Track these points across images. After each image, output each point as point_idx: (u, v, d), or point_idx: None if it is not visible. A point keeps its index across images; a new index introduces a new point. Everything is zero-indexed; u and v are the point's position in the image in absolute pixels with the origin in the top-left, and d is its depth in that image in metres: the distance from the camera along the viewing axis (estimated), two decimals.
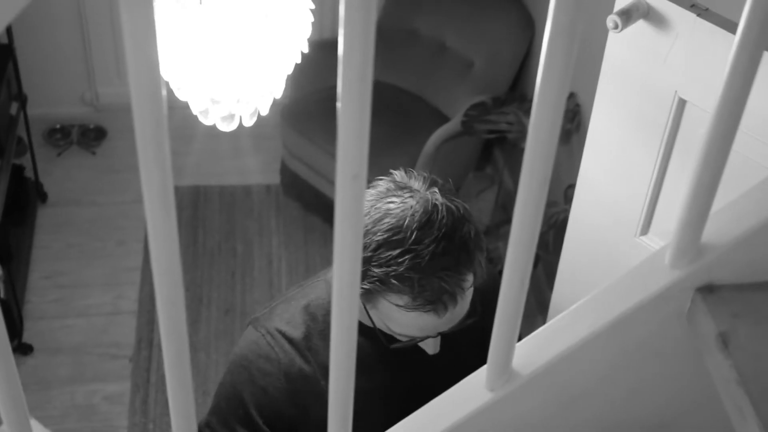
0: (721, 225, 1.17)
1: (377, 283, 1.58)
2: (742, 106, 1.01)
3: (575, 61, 0.84)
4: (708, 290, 1.17)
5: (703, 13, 1.70)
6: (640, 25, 1.78)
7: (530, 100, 3.44)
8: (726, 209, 1.20)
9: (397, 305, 1.60)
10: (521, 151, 0.94)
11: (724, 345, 1.12)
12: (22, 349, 3.75)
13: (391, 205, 1.58)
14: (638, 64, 1.84)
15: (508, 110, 3.67)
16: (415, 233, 1.55)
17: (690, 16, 1.71)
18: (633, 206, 2.00)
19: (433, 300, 1.57)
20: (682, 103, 1.81)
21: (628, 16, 1.75)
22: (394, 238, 1.56)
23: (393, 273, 1.56)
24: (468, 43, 4.21)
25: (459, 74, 4.17)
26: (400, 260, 1.55)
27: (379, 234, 1.56)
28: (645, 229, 2.02)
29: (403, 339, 1.68)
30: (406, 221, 1.56)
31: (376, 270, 1.57)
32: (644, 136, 1.91)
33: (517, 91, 4.19)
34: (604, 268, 2.12)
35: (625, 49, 1.84)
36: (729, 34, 1.65)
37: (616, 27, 1.75)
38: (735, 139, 1.03)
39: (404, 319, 1.62)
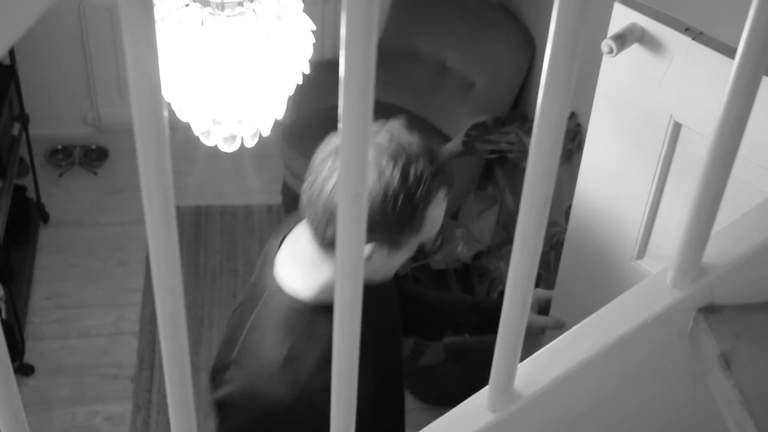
0: (723, 245, 1.17)
1: (426, 195, 1.68)
2: (743, 126, 1.01)
3: (576, 81, 0.84)
4: (710, 310, 1.17)
5: (698, 36, 1.70)
6: (634, 49, 1.77)
7: (531, 120, 3.45)
8: (727, 230, 1.20)
9: (442, 194, 1.72)
10: (522, 170, 0.94)
11: (727, 365, 1.12)
12: (23, 369, 3.75)
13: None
14: (633, 87, 1.83)
15: (509, 130, 3.67)
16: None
17: (685, 40, 1.70)
18: (629, 230, 1.99)
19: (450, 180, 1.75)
20: (677, 127, 1.80)
21: (623, 40, 1.74)
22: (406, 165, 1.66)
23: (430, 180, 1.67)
24: (469, 62, 4.23)
25: (460, 94, 4.18)
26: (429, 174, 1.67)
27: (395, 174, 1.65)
28: (641, 253, 2.00)
29: (432, 243, 1.85)
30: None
31: (419, 193, 1.66)
32: (640, 159, 1.90)
33: (518, 111, 4.20)
34: (600, 293, 2.10)
35: (619, 73, 1.84)
36: (725, 58, 1.64)
37: (611, 51, 1.74)
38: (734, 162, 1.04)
39: (444, 205, 1.75)
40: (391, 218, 1.65)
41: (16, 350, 3.71)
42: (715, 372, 1.14)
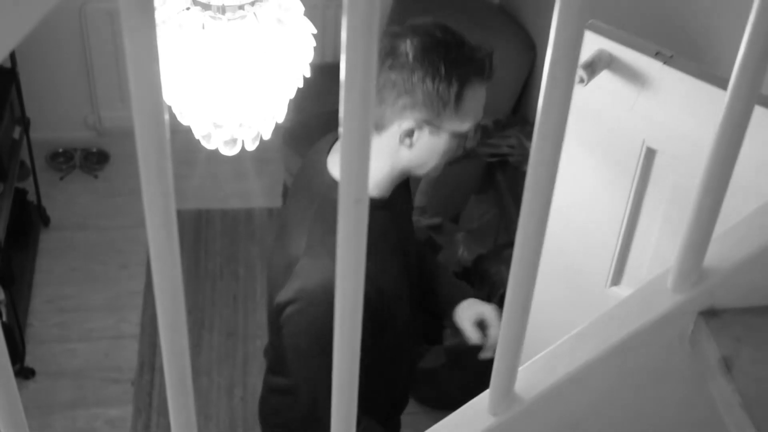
0: (723, 249, 1.17)
1: (462, 78, 1.88)
2: (745, 126, 1.01)
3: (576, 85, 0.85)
4: (710, 314, 1.17)
5: (669, 60, 1.66)
6: (604, 75, 1.73)
7: (532, 123, 3.45)
8: (728, 233, 1.20)
9: (478, 82, 1.94)
10: (523, 174, 0.94)
11: (727, 369, 1.12)
12: (24, 373, 3.75)
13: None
14: (604, 113, 1.79)
15: (510, 133, 3.67)
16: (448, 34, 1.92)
17: (656, 65, 1.66)
18: (603, 256, 1.93)
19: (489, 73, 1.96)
20: (651, 152, 1.76)
21: (592, 68, 1.71)
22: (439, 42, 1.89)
23: (461, 59, 1.90)
24: None
25: None
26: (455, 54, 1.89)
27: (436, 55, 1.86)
28: (617, 280, 1.95)
29: (471, 136, 2.00)
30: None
31: (454, 78, 1.86)
32: (613, 185, 1.85)
33: (518, 115, 4.20)
34: (573, 322, 2.04)
35: (589, 98, 1.78)
36: (697, 81, 1.60)
37: (581, 81, 1.70)
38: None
39: (481, 99, 1.97)
40: (432, 92, 1.84)
41: (16, 353, 3.71)
42: (716, 376, 1.13)
